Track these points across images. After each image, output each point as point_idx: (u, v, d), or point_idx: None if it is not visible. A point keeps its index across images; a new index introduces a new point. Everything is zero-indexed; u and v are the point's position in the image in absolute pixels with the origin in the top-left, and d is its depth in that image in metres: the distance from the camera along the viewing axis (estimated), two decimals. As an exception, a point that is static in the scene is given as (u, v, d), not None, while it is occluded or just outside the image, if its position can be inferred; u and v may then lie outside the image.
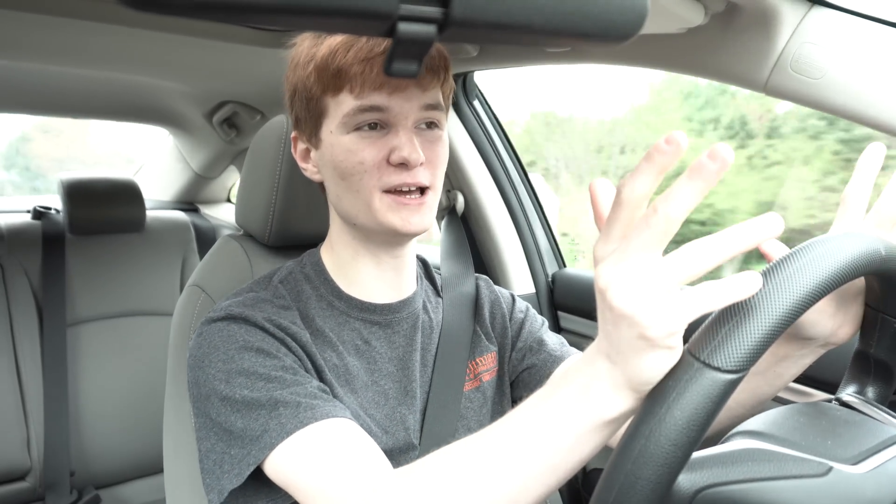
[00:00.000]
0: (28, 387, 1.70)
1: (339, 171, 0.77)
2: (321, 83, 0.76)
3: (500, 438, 0.55)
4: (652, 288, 0.44)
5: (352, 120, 0.75)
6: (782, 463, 0.48)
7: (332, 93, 0.76)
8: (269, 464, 0.67)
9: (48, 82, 1.58)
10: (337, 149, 0.77)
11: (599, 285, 0.46)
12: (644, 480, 0.43)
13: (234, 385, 0.70)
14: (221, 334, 0.74)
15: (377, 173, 0.75)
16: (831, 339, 0.65)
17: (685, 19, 0.85)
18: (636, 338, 0.45)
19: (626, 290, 0.44)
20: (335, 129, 0.77)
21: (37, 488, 1.70)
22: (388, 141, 0.75)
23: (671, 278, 0.44)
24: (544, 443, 0.51)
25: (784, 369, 0.69)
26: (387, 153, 0.75)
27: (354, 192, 0.77)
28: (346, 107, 0.75)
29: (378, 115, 0.75)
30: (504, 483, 0.53)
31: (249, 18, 0.32)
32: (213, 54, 1.39)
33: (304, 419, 0.67)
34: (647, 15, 0.37)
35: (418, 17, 0.33)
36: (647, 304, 0.44)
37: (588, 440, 0.50)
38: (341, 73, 0.74)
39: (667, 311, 0.44)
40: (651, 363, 0.46)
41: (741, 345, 0.43)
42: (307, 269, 0.86)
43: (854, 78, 0.77)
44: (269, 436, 0.66)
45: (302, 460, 0.65)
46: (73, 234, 1.84)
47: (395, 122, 0.75)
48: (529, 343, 0.94)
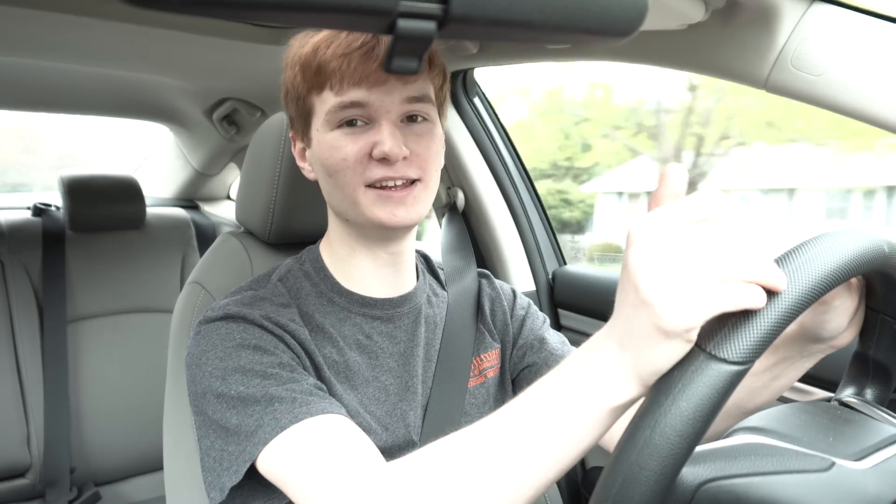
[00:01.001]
0: (28, 384, 1.70)
1: (325, 168, 0.78)
2: (306, 82, 0.77)
3: (498, 427, 0.55)
4: (680, 280, 0.43)
5: (334, 117, 0.76)
6: (785, 458, 0.48)
7: (317, 91, 0.77)
8: (262, 459, 0.67)
9: (48, 79, 1.57)
10: (323, 146, 0.78)
11: (630, 265, 0.46)
12: (648, 471, 0.43)
13: (230, 382, 0.70)
14: (219, 332, 0.75)
15: (360, 168, 0.76)
16: (835, 342, 0.65)
17: (686, 16, 0.84)
18: (653, 327, 0.45)
19: (655, 277, 0.44)
20: (321, 127, 0.78)
21: (37, 485, 1.70)
22: (371, 136, 0.75)
23: (701, 274, 0.43)
24: (545, 430, 0.51)
25: (784, 372, 0.69)
26: (369, 148, 0.75)
27: (341, 189, 0.78)
28: (328, 104, 0.76)
29: (359, 111, 0.75)
30: (502, 472, 0.53)
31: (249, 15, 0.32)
32: (214, 51, 1.39)
33: (300, 414, 0.67)
34: (647, 11, 0.37)
35: (418, 14, 0.33)
36: (672, 295, 0.43)
37: (590, 428, 0.50)
38: (322, 71, 0.75)
39: (689, 306, 0.43)
40: (662, 354, 0.45)
41: (747, 336, 0.43)
42: (306, 265, 0.86)
43: (855, 75, 0.77)
44: (264, 431, 0.66)
45: (296, 455, 0.65)
46: (74, 230, 1.84)
47: (377, 117, 0.75)
48: (530, 341, 0.94)
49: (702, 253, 0.44)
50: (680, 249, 0.44)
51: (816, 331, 0.64)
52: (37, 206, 1.90)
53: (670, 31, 0.91)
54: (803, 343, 0.66)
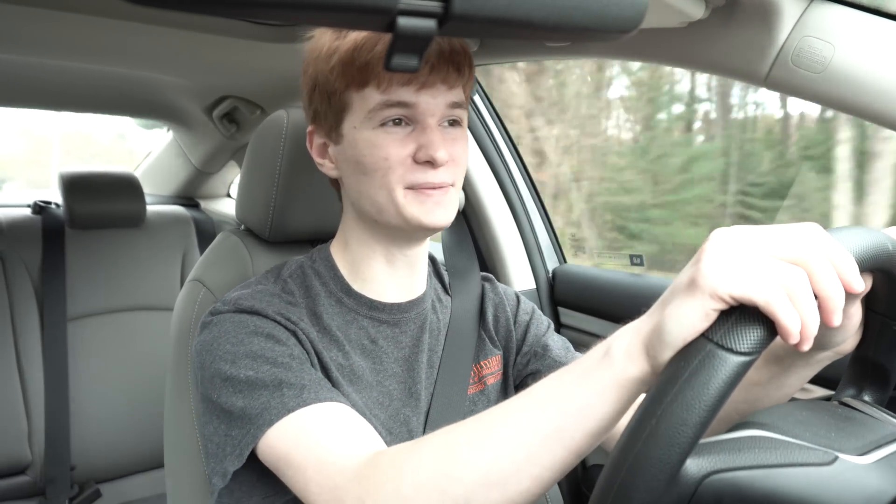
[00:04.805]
0: (29, 381, 1.70)
1: (361, 166, 0.77)
2: (345, 77, 0.75)
3: (506, 406, 0.56)
4: (736, 250, 0.46)
5: (377, 115, 0.75)
6: (788, 451, 0.48)
7: (357, 87, 0.75)
8: (265, 442, 0.66)
9: (48, 76, 1.57)
10: (360, 144, 0.76)
11: (703, 248, 0.48)
12: (654, 460, 0.44)
13: (240, 366, 0.70)
14: (232, 321, 0.75)
15: (401, 170, 0.75)
16: (840, 349, 0.65)
17: (685, 13, 0.84)
18: (688, 280, 0.47)
19: (720, 246, 0.47)
20: (359, 124, 0.76)
21: (37, 482, 1.70)
22: (415, 137, 0.75)
23: (763, 249, 0.46)
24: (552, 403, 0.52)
25: (787, 380, 0.69)
26: (413, 150, 0.75)
27: (377, 188, 0.76)
28: (371, 102, 0.74)
29: (404, 111, 0.74)
30: (507, 451, 0.53)
31: (249, 13, 0.32)
32: (214, 49, 1.39)
33: (307, 399, 0.67)
34: (646, 9, 0.37)
35: (418, 12, 0.33)
36: (721, 259, 0.46)
37: (596, 399, 0.51)
38: (368, 68, 0.73)
39: (730, 270, 0.45)
40: (678, 313, 0.47)
41: (754, 327, 0.44)
42: (317, 264, 0.86)
43: (855, 72, 0.77)
44: (269, 413, 0.66)
45: (300, 437, 0.65)
46: (73, 228, 1.84)
47: (422, 119, 0.75)
48: (534, 348, 0.93)
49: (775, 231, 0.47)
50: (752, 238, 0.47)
51: (823, 341, 0.63)
52: (37, 203, 1.90)
53: (670, 28, 0.91)
54: (809, 353, 0.66)
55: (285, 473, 0.66)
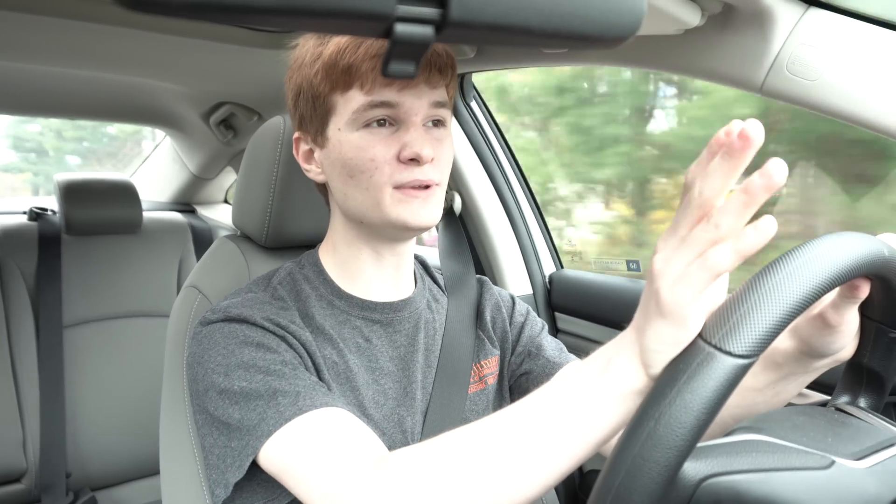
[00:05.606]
0: (24, 388, 1.70)
1: (347, 168, 0.77)
2: (329, 81, 0.76)
3: (508, 416, 0.56)
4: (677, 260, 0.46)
5: (361, 116, 0.75)
6: (786, 455, 0.48)
7: (341, 90, 0.76)
8: (265, 452, 0.67)
9: (45, 83, 1.57)
10: (346, 146, 0.77)
11: (654, 269, 0.48)
12: (652, 463, 0.44)
13: (233, 378, 0.70)
14: (221, 332, 0.75)
15: (388, 169, 0.75)
16: (839, 355, 0.65)
17: (682, 21, 0.85)
18: (655, 306, 0.48)
19: (663, 260, 0.47)
20: (343, 126, 0.77)
21: (33, 490, 1.69)
22: (399, 137, 0.75)
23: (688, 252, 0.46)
24: (553, 413, 0.52)
25: (785, 386, 0.69)
26: (397, 149, 0.75)
27: (363, 189, 0.77)
28: (355, 103, 0.75)
29: (388, 111, 0.75)
30: (508, 460, 0.53)
31: (245, 19, 0.32)
32: (210, 55, 1.39)
33: (304, 406, 0.67)
34: (643, 17, 0.37)
35: (415, 19, 0.33)
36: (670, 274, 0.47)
37: (598, 415, 0.51)
38: (351, 70, 0.74)
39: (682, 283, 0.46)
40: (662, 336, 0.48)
41: (752, 330, 0.44)
42: (306, 269, 0.86)
43: (850, 80, 0.77)
44: (267, 423, 0.66)
45: (299, 445, 0.65)
46: (70, 234, 1.84)
47: (405, 119, 0.76)
48: (528, 348, 0.94)
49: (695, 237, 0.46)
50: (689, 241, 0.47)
51: (822, 349, 0.64)
52: (33, 210, 1.90)
53: (667, 35, 0.92)
54: (808, 360, 0.66)
55: (288, 483, 0.66)
